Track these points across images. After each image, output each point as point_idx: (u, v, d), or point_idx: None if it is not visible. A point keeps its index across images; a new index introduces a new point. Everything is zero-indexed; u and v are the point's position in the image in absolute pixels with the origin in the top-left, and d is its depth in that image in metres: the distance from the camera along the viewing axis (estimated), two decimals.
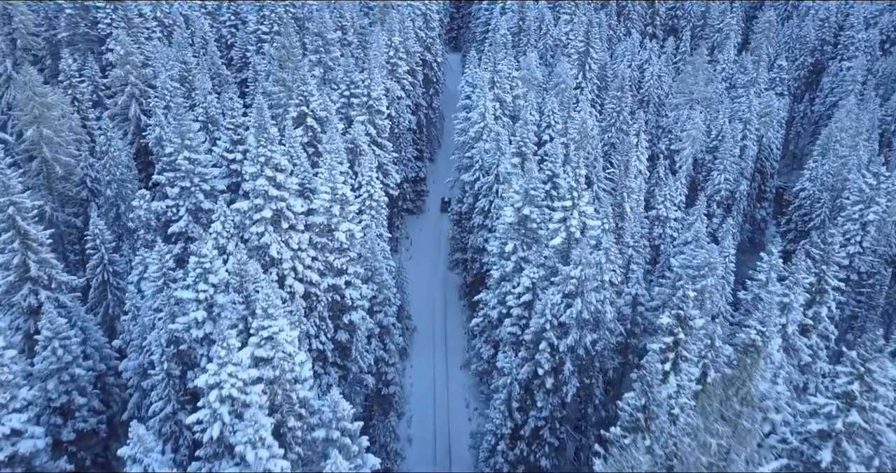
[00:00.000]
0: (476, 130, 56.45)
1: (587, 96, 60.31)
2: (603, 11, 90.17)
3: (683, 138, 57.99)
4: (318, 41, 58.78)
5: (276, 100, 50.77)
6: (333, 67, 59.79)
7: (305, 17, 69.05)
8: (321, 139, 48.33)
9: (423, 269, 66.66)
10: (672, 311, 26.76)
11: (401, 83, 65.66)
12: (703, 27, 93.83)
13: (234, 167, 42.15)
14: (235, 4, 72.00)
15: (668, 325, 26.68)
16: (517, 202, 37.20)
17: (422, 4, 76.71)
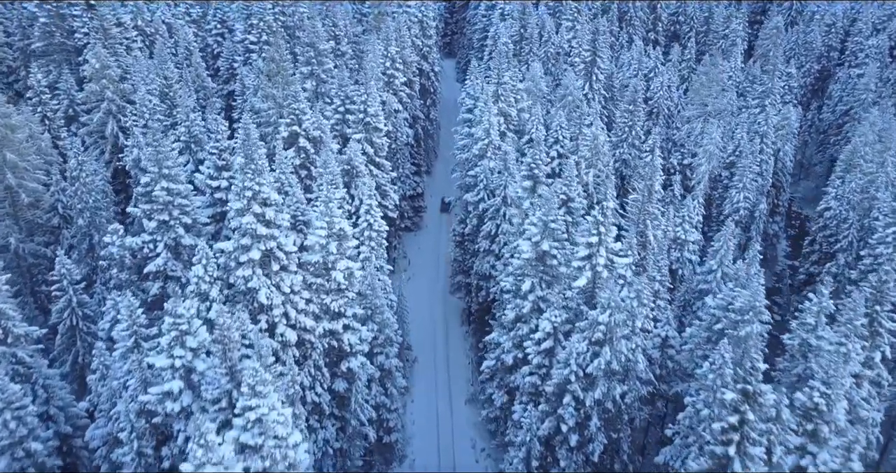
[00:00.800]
0: (480, 147, 52.10)
1: (596, 109, 56.16)
2: (605, 17, 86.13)
3: (699, 154, 53.95)
4: (310, 52, 54.27)
5: (266, 118, 46.24)
6: (326, 80, 55.30)
7: (296, 25, 64.41)
8: (315, 161, 43.89)
9: (423, 290, 62.26)
10: (738, 385, 22.54)
11: (398, 95, 61.24)
12: (707, 33, 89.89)
13: (218, 196, 37.63)
14: (222, 12, 67.26)
15: (732, 401, 22.47)
16: (534, 235, 32.96)
17: (418, 11, 72.27)
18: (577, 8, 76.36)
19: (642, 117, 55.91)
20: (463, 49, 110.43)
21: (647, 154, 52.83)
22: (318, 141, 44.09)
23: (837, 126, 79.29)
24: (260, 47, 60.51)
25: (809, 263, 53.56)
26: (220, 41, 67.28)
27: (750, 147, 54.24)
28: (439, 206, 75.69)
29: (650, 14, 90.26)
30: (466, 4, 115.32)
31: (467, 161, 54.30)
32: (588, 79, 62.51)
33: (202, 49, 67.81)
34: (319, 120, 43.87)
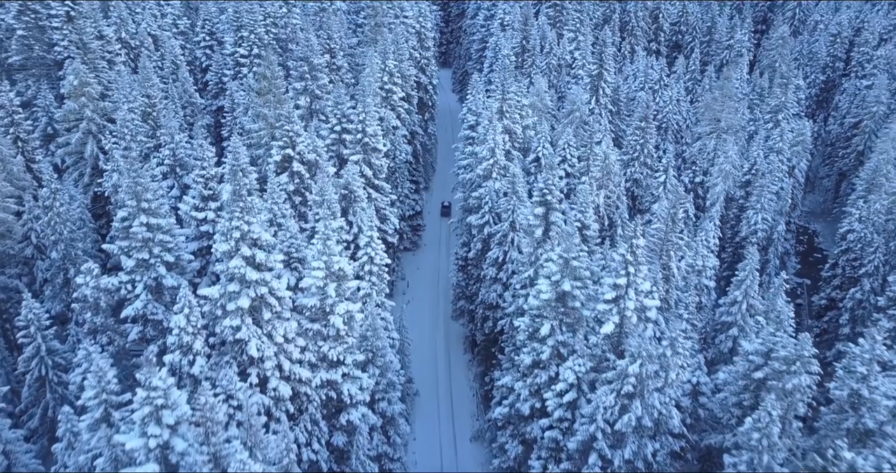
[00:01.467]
0: (485, 168, 48.68)
1: (605, 125, 52.91)
2: (606, 27, 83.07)
3: (714, 173, 50.78)
4: (304, 66, 50.72)
5: (257, 139, 42.67)
6: (321, 96, 51.74)
7: (289, 38, 60.91)
8: (310, 186, 40.33)
9: (423, 314, 58.77)
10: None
11: (396, 111, 57.77)
12: (710, 43, 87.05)
13: (204, 228, 33.99)
14: (211, 23, 63.63)
15: None
16: (554, 273, 29.57)
17: (415, 22, 68.88)
18: (580, 18, 73.16)
19: (654, 134, 52.67)
20: (459, 59, 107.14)
21: (660, 173, 49.58)
22: (313, 164, 40.54)
23: (846, 139, 76.44)
24: (251, 61, 56.96)
25: (831, 288, 50.40)
26: (208, 54, 63.67)
27: (767, 165, 51.10)
28: (439, 211, 74.05)
29: (652, 24, 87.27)
30: (462, 13, 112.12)
31: (471, 182, 50.89)
32: (594, 92, 59.25)
33: (190, 62, 64.21)
34: (315, 142, 40.31)
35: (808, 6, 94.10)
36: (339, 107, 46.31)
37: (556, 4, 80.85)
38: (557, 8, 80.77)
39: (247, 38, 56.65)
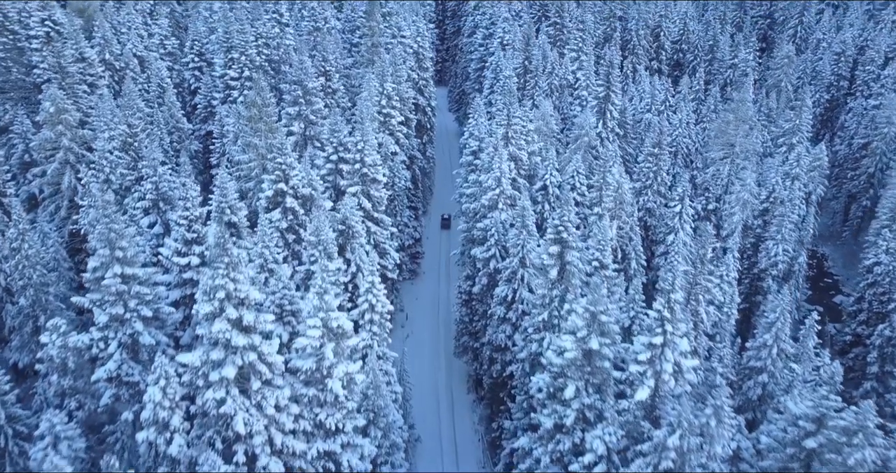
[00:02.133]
0: (490, 198, 45.30)
1: (615, 151, 49.68)
2: (608, 45, 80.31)
3: (731, 202, 47.65)
4: (298, 91, 47.37)
5: (246, 171, 39.15)
6: (316, 121, 48.38)
7: (282, 59, 57.59)
8: (304, 223, 36.78)
9: (424, 349, 55.07)
10: None
11: (395, 136, 54.43)
12: (712, 62, 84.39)
13: (187, 275, 30.35)
14: (200, 44, 60.22)
15: None
16: (579, 329, 26.14)
17: (413, 42, 65.76)
18: (582, 37, 70.28)
19: (668, 161, 49.53)
20: (455, 77, 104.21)
21: (675, 203, 46.34)
22: (308, 199, 37.02)
23: (854, 160, 73.65)
24: (241, 83, 53.52)
25: (857, 323, 47.14)
26: (197, 76, 60.21)
27: (787, 193, 48.01)
28: (439, 223, 72.95)
29: (653, 42, 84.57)
30: (458, 31, 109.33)
31: (476, 212, 47.46)
32: (601, 116, 56.17)
33: (178, 84, 60.79)
34: (309, 175, 36.81)
35: (810, 24, 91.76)
36: (336, 135, 42.89)
37: (556, 23, 78.08)
38: (558, 27, 78.00)
39: (237, 59, 53.23)
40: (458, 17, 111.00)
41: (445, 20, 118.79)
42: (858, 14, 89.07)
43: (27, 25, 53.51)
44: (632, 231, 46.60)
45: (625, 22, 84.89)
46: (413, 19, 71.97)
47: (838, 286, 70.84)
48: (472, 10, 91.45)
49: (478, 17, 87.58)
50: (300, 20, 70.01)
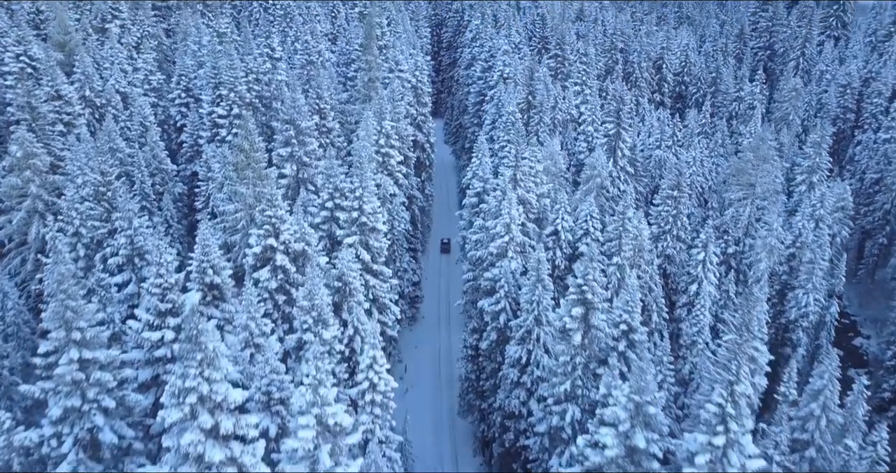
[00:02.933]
0: (499, 246, 41.21)
1: (631, 193, 45.86)
2: (609, 78, 77.31)
3: (757, 247, 43.85)
4: (290, 130, 43.44)
5: (232, 223, 34.91)
6: (310, 163, 44.40)
7: (273, 95, 53.79)
8: (296, 281, 32.46)
9: (424, 406, 50.52)
10: None
11: (394, 176, 50.48)
12: (716, 94, 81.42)
13: (160, 352, 25.88)
14: (187, 79, 56.40)
15: None
16: (621, 421, 21.92)
17: (411, 75, 62.26)
18: (586, 70, 67.08)
19: (688, 204, 45.77)
20: (451, 109, 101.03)
21: (698, 250, 42.38)
22: (300, 254, 32.75)
23: (867, 196, 70.27)
24: (230, 122, 49.56)
25: None
26: (184, 112, 56.23)
27: (815, 239, 44.23)
28: (439, 248, 72.06)
29: (655, 75, 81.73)
30: (454, 63, 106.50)
31: (481, 259, 43.34)
32: (611, 154, 52.53)
33: (163, 121, 56.81)
34: (302, 228, 32.55)
35: (811, 56, 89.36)
36: (332, 180, 38.83)
37: (557, 56, 75.01)
38: (559, 59, 74.92)
39: (226, 96, 49.31)
40: (453, 49, 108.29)
41: (440, 51, 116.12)
42: (861, 46, 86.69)
43: (1, 61, 49.60)
44: (651, 280, 42.54)
45: (626, 54, 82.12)
46: (410, 52, 68.72)
47: (857, 327, 66.96)
48: (470, 42, 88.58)
49: (475, 49, 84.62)
50: (293, 54, 66.54)
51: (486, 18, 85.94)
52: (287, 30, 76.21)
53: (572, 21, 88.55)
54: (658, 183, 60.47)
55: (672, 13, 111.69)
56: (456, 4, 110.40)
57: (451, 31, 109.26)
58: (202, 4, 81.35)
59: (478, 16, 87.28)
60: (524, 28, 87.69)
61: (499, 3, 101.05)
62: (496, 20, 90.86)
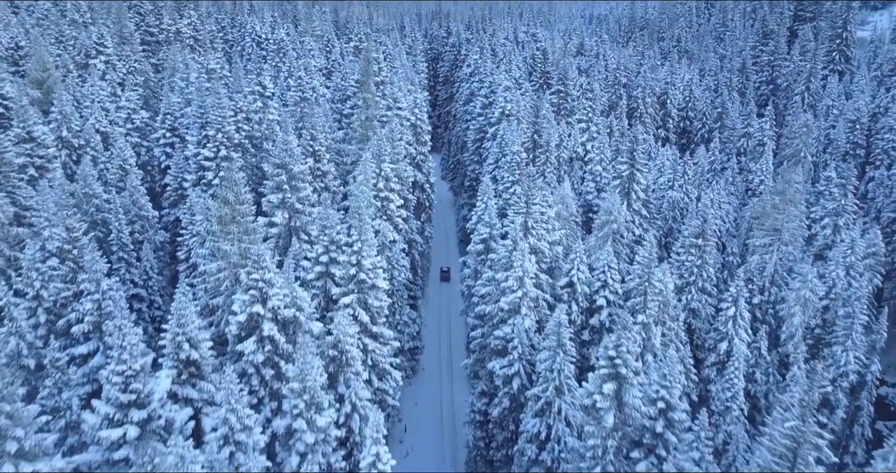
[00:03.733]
0: (511, 301, 37.15)
1: (651, 242, 42.08)
2: (613, 113, 74.35)
3: (791, 301, 40.03)
4: (282, 175, 39.60)
5: (215, 284, 30.73)
6: (303, 210, 40.46)
7: (264, 136, 50.12)
8: (285, 353, 28.18)
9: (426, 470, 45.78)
10: None
11: (393, 222, 46.58)
12: (721, 129, 78.58)
13: (120, 453, 21.43)
14: (173, 118, 52.69)
15: None
16: None
17: (410, 113, 58.89)
18: (591, 107, 63.98)
19: (714, 253, 42.02)
20: (449, 145, 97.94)
21: (728, 305, 38.46)
22: (291, 321, 28.55)
23: (886, 234, 66.90)
24: (217, 164, 45.70)
25: None
26: (169, 153, 52.42)
27: (854, 291, 40.43)
28: (439, 276, 70.11)
29: (659, 110, 78.91)
30: (451, 97, 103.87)
31: (491, 315, 39.22)
32: (626, 197, 48.89)
33: (146, 163, 52.94)
34: (294, 291, 28.40)
35: (816, 91, 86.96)
36: (327, 232, 34.83)
37: (559, 91, 72.06)
38: (561, 95, 71.94)
39: (213, 137, 45.52)
40: (450, 83, 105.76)
41: (437, 86, 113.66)
42: (867, 81, 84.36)
43: None
44: (677, 338, 38.53)
45: (629, 89, 79.36)
46: (409, 88, 65.52)
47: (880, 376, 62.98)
48: (468, 77, 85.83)
49: (474, 85, 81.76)
50: (286, 90, 63.18)
51: (484, 53, 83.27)
52: (280, 65, 73.13)
53: (573, 56, 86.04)
54: (671, 224, 56.93)
55: (671, 47, 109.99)
56: (452, 39, 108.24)
57: (447, 65, 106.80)
58: (192, 39, 78.37)
59: (476, 50, 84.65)
60: (524, 62, 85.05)
61: (496, 37, 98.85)
62: (494, 54, 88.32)
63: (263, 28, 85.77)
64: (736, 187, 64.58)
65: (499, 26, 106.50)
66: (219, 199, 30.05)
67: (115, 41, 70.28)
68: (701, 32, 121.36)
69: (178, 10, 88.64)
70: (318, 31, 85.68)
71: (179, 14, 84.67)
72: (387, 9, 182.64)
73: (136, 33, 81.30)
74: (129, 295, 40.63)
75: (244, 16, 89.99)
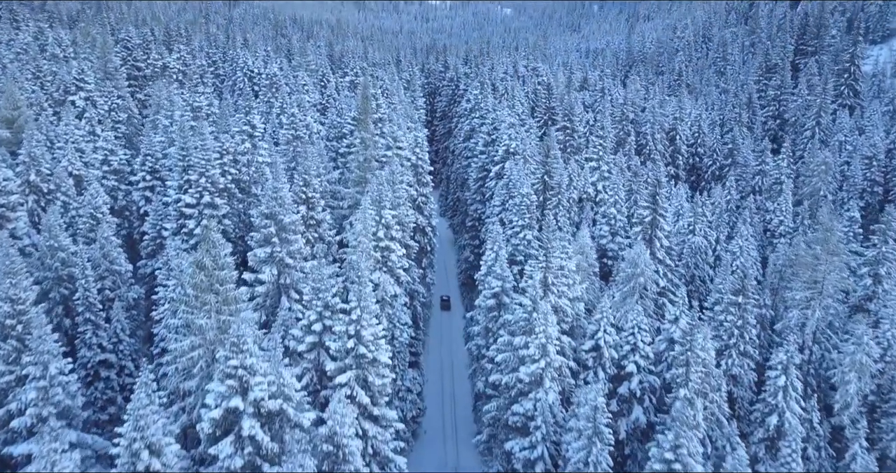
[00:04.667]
0: (533, 372, 32.11)
1: (683, 298, 37.27)
2: (621, 151, 70.36)
3: (844, 365, 35.23)
4: (271, 226, 34.78)
5: (187, 365, 25.54)
6: (293, 265, 35.53)
7: (252, 179, 45.43)
8: (270, 454, 22.89)
9: None
10: None
11: (395, 274, 41.65)
12: (733, 166, 74.67)
13: None
14: (153, 159, 47.96)
15: None
16: None
17: (411, 153, 54.46)
18: (602, 145, 59.82)
19: (755, 312, 37.23)
20: (448, 181, 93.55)
21: (777, 373, 33.48)
22: (276, 415, 23.33)
23: None
24: (199, 211, 40.84)
25: None
26: (148, 197, 47.59)
27: None
28: (439, 305, 66.83)
29: (668, 146, 75.03)
30: (449, 132, 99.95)
31: (508, 386, 34.05)
32: (649, 245, 44.22)
33: (124, 208, 48.03)
34: (281, 378, 23.24)
35: (827, 126, 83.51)
36: (321, 296, 29.84)
37: (565, 127, 68.06)
38: (567, 131, 67.92)
39: (196, 181, 40.73)
40: (448, 118, 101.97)
41: (434, 120, 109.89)
42: (879, 115, 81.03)
43: None
44: (720, 410, 33.46)
45: (637, 125, 75.52)
46: (408, 125, 61.25)
47: None
48: (468, 113, 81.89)
49: (474, 121, 77.79)
50: (278, 127, 58.75)
51: (485, 88, 79.48)
52: (273, 100, 68.92)
53: (577, 90, 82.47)
54: (693, 271, 52.27)
55: (672, 81, 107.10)
56: (450, 73, 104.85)
57: (445, 100, 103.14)
58: (181, 74, 74.24)
59: (476, 85, 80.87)
60: (526, 97, 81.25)
61: (496, 71, 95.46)
62: (495, 89, 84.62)
63: (256, 62, 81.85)
64: (755, 228, 60.31)
65: (497, 60, 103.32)
66: (193, 264, 25.05)
67: (98, 76, 66.00)
68: (700, 66, 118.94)
69: (167, 43, 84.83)
70: (312, 65, 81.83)
71: (168, 48, 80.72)
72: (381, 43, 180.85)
73: (123, 68, 77.34)
74: (97, 361, 35.39)
75: (236, 50, 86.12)
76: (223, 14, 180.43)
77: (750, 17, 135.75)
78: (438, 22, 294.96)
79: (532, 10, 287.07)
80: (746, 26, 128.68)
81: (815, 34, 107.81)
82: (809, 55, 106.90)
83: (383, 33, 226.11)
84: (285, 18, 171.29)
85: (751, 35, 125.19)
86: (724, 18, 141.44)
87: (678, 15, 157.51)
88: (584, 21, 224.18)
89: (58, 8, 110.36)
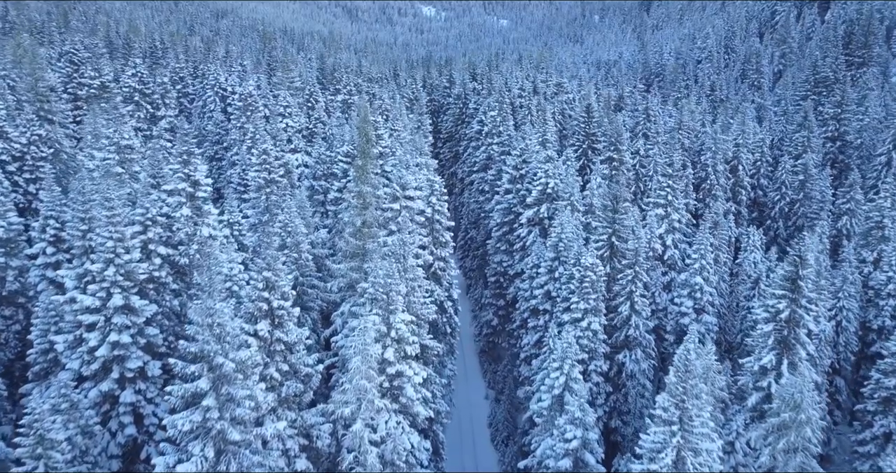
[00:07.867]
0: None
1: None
2: None
3: None
4: (202, 377, 18.90)
5: None
6: (241, 441, 19.65)
7: (193, 262, 29.45)
8: None
9: None
10: None
11: (410, 414, 25.82)
12: (806, 202, 59.49)
13: None
14: (58, 224, 31.94)
15: None
16: None
17: (424, 204, 38.52)
18: (671, 184, 44.31)
19: None
20: (457, 214, 77.71)
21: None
22: None
23: None
24: (106, 318, 24.88)
25: None
26: (52, 278, 31.49)
27: None
28: None
29: (729, 179, 59.62)
30: (456, 157, 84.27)
31: None
32: (779, 355, 28.63)
33: (19, 292, 31.81)
34: None
35: None
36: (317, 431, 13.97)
37: (611, 158, 52.66)
38: (614, 164, 52.50)
39: (100, 273, 24.76)
40: (455, 141, 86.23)
41: (437, 142, 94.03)
42: None
43: None
44: None
45: (691, 153, 60.15)
46: (417, 161, 45.37)
47: None
48: (482, 137, 66.30)
49: (492, 149, 62.28)
50: (248, 167, 42.85)
51: (503, 108, 64.00)
52: (246, 126, 53.16)
53: (612, 110, 67.07)
54: None
55: (703, 95, 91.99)
56: (457, 89, 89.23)
57: (451, 119, 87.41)
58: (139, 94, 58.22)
59: (493, 105, 65.27)
60: (552, 118, 65.74)
61: (510, 87, 79.92)
62: (514, 110, 69.09)
63: (230, 79, 66.03)
64: (856, 287, 45.32)
65: (510, 75, 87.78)
66: None
67: (24, 98, 50.05)
68: (728, 79, 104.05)
69: (126, 56, 68.74)
70: (297, 82, 66.06)
71: (124, 62, 64.72)
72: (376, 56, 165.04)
73: (68, 87, 61.36)
74: None
75: (206, 64, 70.12)
76: (209, 26, 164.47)
77: (774, 26, 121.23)
78: (433, 33, 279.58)
79: (529, 22, 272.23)
80: (775, 35, 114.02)
81: (863, 43, 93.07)
82: (858, 67, 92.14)
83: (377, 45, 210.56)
84: (275, 30, 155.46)
85: (780, 45, 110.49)
86: (744, 27, 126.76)
87: (693, 24, 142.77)
88: (587, 32, 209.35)
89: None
